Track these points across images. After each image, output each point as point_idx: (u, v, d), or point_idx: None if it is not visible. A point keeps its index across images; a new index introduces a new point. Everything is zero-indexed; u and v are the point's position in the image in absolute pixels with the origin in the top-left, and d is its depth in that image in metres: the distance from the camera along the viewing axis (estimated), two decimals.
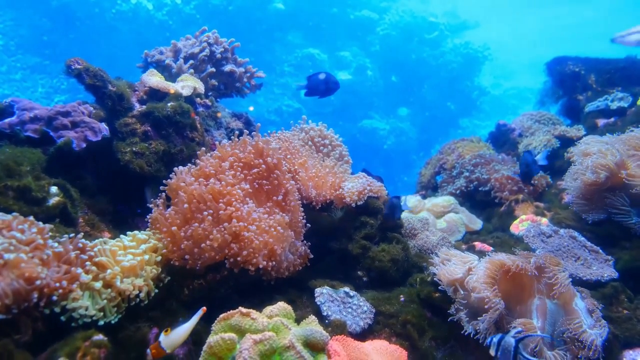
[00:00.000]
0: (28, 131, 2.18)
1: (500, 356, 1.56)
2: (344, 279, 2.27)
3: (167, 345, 1.45)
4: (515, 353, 1.52)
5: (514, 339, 1.54)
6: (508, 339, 1.56)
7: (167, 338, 1.45)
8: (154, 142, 2.43)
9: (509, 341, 1.55)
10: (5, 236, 1.45)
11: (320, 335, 1.48)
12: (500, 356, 1.57)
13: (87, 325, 1.52)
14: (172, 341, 1.46)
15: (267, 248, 1.89)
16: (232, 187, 1.98)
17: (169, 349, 1.45)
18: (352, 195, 2.35)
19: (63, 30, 12.33)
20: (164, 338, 1.45)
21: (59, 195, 1.97)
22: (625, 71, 4.05)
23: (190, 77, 2.91)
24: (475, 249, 2.74)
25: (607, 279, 2.24)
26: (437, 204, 3.38)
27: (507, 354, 1.54)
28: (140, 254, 1.79)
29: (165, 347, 1.44)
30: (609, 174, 2.45)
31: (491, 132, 4.62)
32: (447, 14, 18.01)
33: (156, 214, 2.00)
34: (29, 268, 1.40)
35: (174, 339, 1.46)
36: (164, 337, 1.45)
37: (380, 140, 14.44)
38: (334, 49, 14.87)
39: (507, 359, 1.54)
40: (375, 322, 1.93)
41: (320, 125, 2.82)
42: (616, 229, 2.52)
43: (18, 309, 1.39)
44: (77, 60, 2.35)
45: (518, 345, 1.53)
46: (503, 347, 1.56)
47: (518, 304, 1.85)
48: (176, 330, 1.47)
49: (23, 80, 11.98)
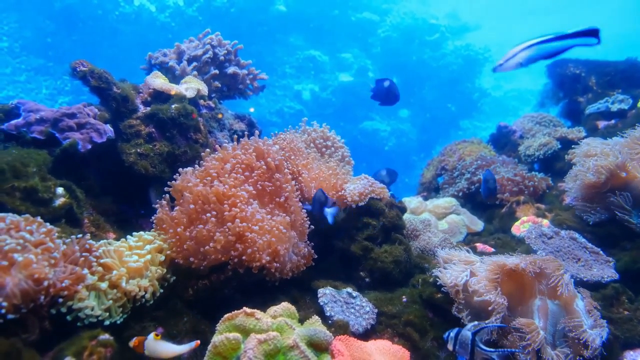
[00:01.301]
0: (34, 132, 2.20)
1: (459, 349, 1.59)
2: (346, 279, 2.29)
3: (148, 348, 1.46)
4: (472, 346, 1.55)
5: (471, 332, 1.57)
6: (465, 332, 1.59)
7: (153, 342, 1.46)
8: (158, 143, 2.45)
9: (465, 334, 1.58)
10: (14, 237, 1.47)
11: (324, 335, 1.49)
12: (458, 350, 1.60)
13: (93, 324, 1.54)
14: (154, 350, 1.47)
15: (270, 248, 1.91)
16: (236, 189, 2.00)
17: (147, 352, 1.46)
18: (353, 196, 2.37)
19: (66, 32, 12.37)
20: (150, 340, 1.46)
21: (64, 196, 1.99)
22: (625, 73, 4.07)
23: (194, 79, 2.93)
24: (477, 250, 2.76)
25: (608, 280, 2.26)
26: (438, 205, 3.40)
27: (464, 347, 1.57)
28: (145, 254, 1.81)
29: (146, 348, 1.46)
30: (609, 175, 2.47)
31: (492, 134, 4.64)
32: (448, 16, 18.02)
33: (161, 214, 2.02)
34: (38, 269, 1.42)
35: (156, 349, 1.47)
36: (151, 340, 1.46)
37: (381, 142, 14.45)
38: (335, 51, 14.90)
39: (465, 351, 1.57)
40: (378, 322, 1.95)
41: (324, 127, 2.84)
42: (617, 230, 2.54)
43: (26, 308, 1.41)
44: (82, 63, 2.38)
45: (475, 338, 1.56)
46: (460, 340, 1.59)
47: (519, 305, 1.86)
48: (164, 344, 1.48)
49: (27, 81, 12.02)
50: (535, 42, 1.75)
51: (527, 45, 1.76)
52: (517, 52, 1.77)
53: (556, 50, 1.74)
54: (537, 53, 1.77)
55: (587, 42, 1.66)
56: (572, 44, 1.69)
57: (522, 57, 1.77)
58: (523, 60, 1.78)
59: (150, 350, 1.47)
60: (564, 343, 1.73)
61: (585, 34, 1.65)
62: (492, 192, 2.76)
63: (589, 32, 1.64)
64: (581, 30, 1.65)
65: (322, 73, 14.58)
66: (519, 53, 1.77)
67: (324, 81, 14.42)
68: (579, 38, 1.67)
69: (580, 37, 1.66)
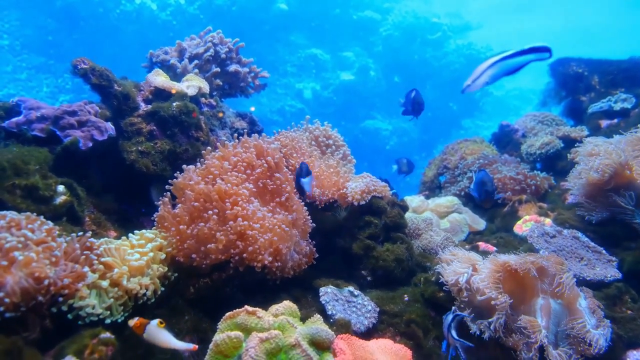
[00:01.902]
0: (35, 130, 2.19)
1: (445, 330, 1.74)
2: (348, 278, 2.28)
3: (149, 332, 1.45)
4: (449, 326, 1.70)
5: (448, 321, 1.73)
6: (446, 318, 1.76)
7: (155, 328, 1.45)
8: (160, 141, 2.45)
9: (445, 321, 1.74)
10: (15, 234, 1.46)
11: (326, 334, 1.49)
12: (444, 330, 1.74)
13: (94, 323, 1.54)
14: (154, 335, 1.46)
15: (272, 247, 1.90)
16: (237, 187, 1.99)
17: (146, 336, 1.45)
18: (355, 194, 2.36)
19: (68, 30, 12.38)
20: (153, 326, 1.45)
21: (65, 194, 1.99)
22: (628, 72, 4.05)
23: (195, 77, 2.92)
24: (479, 249, 2.75)
25: (611, 280, 2.25)
26: (440, 204, 3.39)
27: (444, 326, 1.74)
28: (147, 252, 1.81)
29: (147, 331, 1.45)
30: (613, 174, 2.45)
31: (494, 133, 4.62)
32: (449, 15, 17.98)
33: (163, 212, 2.01)
34: (39, 267, 1.42)
35: (156, 336, 1.46)
36: (154, 326, 1.45)
37: (382, 141, 14.43)
38: (336, 50, 14.88)
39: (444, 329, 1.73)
40: (380, 321, 1.94)
41: (326, 126, 2.83)
42: (620, 230, 2.52)
43: (26, 306, 1.41)
44: (84, 60, 2.37)
45: (450, 325, 1.70)
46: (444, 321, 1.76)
47: (522, 304, 1.85)
48: (166, 333, 1.47)
49: (28, 79, 12.04)
50: (497, 59, 1.80)
51: (491, 63, 1.81)
52: (483, 71, 1.82)
53: (517, 66, 1.80)
54: (500, 70, 1.82)
55: (542, 56, 1.77)
56: (530, 59, 1.77)
57: (487, 76, 1.84)
58: (489, 79, 1.83)
59: (151, 335, 1.46)
60: (566, 343, 1.72)
61: (540, 50, 1.76)
62: (489, 195, 2.54)
63: (543, 49, 1.75)
64: (536, 47, 1.76)
65: (324, 72, 14.57)
66: (485, 71, 1.81)
67: (325, 80, 14.42)
68: (536, 53, 1.76)
69: (537, 53, 1.76)
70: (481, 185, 2.49)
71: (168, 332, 1.48)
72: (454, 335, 1.66)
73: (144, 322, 1.47)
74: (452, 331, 1.68)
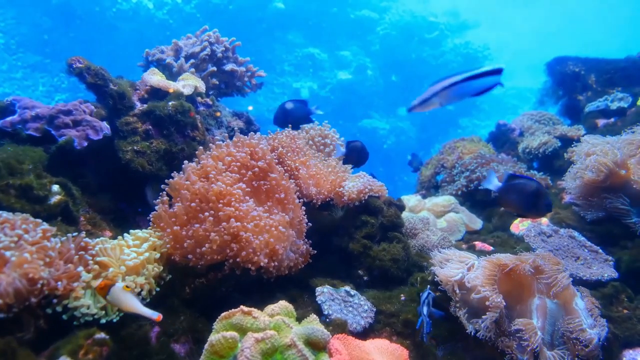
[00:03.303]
0: (30, 130, 2.18)
1: None
2: (344, 277, 2.27)
3: (113, 294, 1.44)
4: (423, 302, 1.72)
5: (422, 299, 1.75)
6: None
7: (120, 291, 1.44)
8: (155, 140, 2.44)
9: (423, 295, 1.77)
10: (8, 234, 1.45)
11: (322, 334, 1.48)
12: None
13: (89, 323, 1.53)
14: (117, 298, 1.44)
15: (268, 247, 1.89)
16: (231, 187, 1.98)
17: (109, 298, 1.45)
18: (352, 194, 2.36)
19: (64, 29, 12.33)
20: (117, 288, 1.44)
21: (60, 193, 1.98)
22: (625, 71, 4.06)
23: (192, 76, 2.91)
24: (476, 248, 2.75)
25: (608, 279, 2.25)
26: (437, 204, 3.39)
27: None
28: (143, 252, 1.80)
29: (111, 293, 1.44)
30: (609, 173, 2.46)
31: (491, 132, 4.63)
32: (447, 14, 18.02)
33: (160, 211, 2.00)
34: (33, 268, 1.41)
35: (120, 298, 1.44)
36: (119, 288, 1.44)
37: (380, 140, 14.45)
38: (334, 49, 14.88)
39: None
40: (376, 321, 1.94)
41: (324, 125, 2.83)
42: (616, 228, 2.53)
43: (19, 308, 1.40)
44: (79, 59, 2.36)
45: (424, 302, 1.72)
46: None
47: (518, 304, 1.85)
48: (131, 297, 1.45)
49: (24, 78, 11.98)
50: (450, 83, 1.68)
51: (443, 87, 1.69)
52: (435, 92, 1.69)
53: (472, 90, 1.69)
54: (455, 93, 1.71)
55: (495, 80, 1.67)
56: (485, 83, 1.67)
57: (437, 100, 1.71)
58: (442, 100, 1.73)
59: (114, 297, 1.44)
60: (562, 343, 1.72)
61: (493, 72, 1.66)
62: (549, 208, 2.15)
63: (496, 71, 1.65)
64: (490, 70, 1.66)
65: (321, 71, 14.56)
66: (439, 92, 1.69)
67: (322, 79, 14.41)
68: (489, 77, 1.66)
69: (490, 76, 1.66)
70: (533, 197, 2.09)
71: (133, 296, 1.46)
72: (423, 311, 1.70)
73: (109, 284, 1.46)
74: (424, 307, 1.71)
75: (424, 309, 1.71)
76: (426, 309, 1.71)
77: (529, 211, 2.10)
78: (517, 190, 2.06)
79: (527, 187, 2.05)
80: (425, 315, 1.70)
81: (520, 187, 2.06)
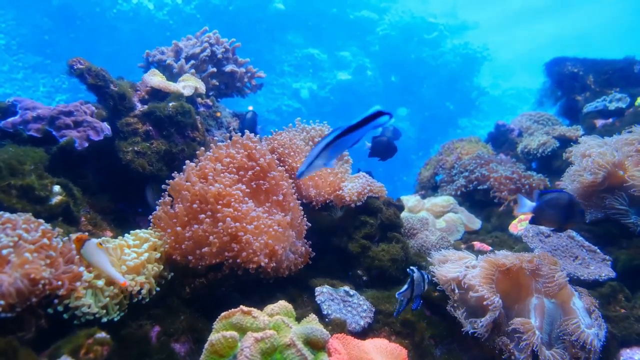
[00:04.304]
0: (31, 130, 2.19)
1: None
2: (344, 277, 2.29)
3: (85, 249, 1.48)
4: None
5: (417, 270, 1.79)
6: None
7: (92, 247, 1.48)
8: (156, 141, 2.45)
9: None
10: (10, 235, 1.46)
11: (321, 334, 1.49)
12: None
13: (90, 322, 1.54)
14: (90, 254, 1.48)
15: (268, 248, 1.90)
16: (231, 188, 1.99)
17: (83, 253, 1.48)
18: (351, 195, 2.37)
19: (64, 30, 12.33)
20: (91, 244, 1.48)
21: (61, 194, 1.99)
22: (623, 72, 4.08)
23: (192, 77, 2.93)
24: (474, 248, 2.76)
25: (605, 279, 2.26)
26: (436, 204, 3.40)
27: None
28: (143, 252, 1.81)
29: (84, 248, 1.48)
30: (607, 174, 2.47)
31: (490, 133, 4.64)
32: (446, 15, 18.02)
33: (161, 212, 2.01)
34: (34, 268, 1.42)
35: (92, 255, 1.48)
36: (92, 244, 1.48)
37: None
38: (333, 49, 14.89)
39: None
40: (375, 320, 1.95)
41: (324, 126, 2.84)
42: (614, 228, 2.54)
43: (21, 307, 1.41)
44: (80, 60, 2.37)
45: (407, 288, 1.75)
46: None
47: (516, 303, 1.86)
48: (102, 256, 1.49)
49: (25, 79, 11.99)
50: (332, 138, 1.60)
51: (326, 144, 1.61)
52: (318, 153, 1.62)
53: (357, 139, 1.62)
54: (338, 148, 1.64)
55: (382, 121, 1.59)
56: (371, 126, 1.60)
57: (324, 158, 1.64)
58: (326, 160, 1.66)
59: (87, 253, 1.47)
60: (560, 342, 1.74)
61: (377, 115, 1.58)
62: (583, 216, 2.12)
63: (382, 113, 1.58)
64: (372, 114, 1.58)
65: (321, 71, 14.57)
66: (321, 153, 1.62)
67: (322, 79, 14.42)
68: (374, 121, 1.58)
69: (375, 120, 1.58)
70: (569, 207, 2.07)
71: (105, 255, 1.48)
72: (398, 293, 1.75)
73: (84, 238, 1.48)
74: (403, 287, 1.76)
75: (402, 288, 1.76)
76: (405, 287, 1.75)
77: (567, 222, 2.11)
78: (553, 205, 2.07)
79: (561, 200, 2.06)
80: (399, 294, 1.75)
81: (555, 202, 2.07)
